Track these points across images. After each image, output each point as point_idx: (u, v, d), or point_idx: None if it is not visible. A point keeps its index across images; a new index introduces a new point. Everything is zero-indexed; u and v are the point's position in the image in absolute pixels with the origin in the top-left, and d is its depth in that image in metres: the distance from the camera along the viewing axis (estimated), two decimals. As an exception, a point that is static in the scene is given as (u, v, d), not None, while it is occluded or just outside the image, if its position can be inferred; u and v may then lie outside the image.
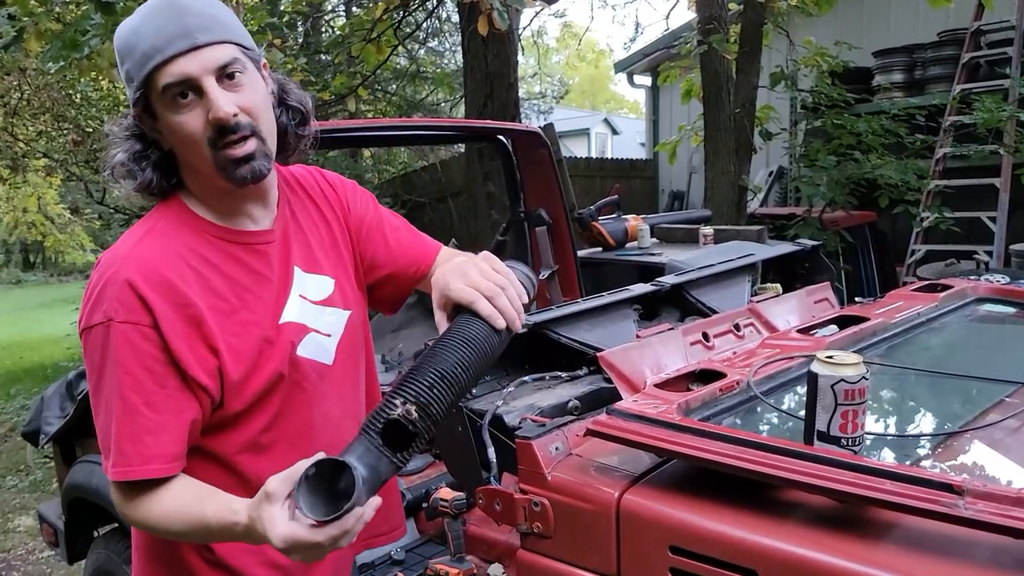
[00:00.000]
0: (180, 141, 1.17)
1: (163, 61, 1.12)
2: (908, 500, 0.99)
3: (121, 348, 1.13)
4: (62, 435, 2.73)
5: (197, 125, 1.14)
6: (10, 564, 4.11)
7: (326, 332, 1.31)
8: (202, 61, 1.12)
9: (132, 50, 1.14)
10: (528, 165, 3.00)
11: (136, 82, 1.15)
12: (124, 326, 1.13)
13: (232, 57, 1.15)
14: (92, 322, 1.16)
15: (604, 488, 1.25)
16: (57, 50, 3.69)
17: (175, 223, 1.22)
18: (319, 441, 1.28)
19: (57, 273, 21.88)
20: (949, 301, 2.05)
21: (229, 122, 1.14)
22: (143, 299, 1.14)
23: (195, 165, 1.20)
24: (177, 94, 1.13)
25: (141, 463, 1.14)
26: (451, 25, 10.26)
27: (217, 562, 1.26)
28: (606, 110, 29.58)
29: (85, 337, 1.17)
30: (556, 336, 1.82)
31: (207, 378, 1.17)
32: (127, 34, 1.16)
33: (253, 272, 1.25)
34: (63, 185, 11.08)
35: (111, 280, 1.15)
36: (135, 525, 1.23)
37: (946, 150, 5.98)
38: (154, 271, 1.16)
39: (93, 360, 1.17)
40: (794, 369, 1.54)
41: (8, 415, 6.97)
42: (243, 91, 1.16)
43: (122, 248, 1.19)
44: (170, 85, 1.13)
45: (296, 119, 1.29)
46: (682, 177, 9.73)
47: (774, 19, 6.23)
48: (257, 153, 1.17)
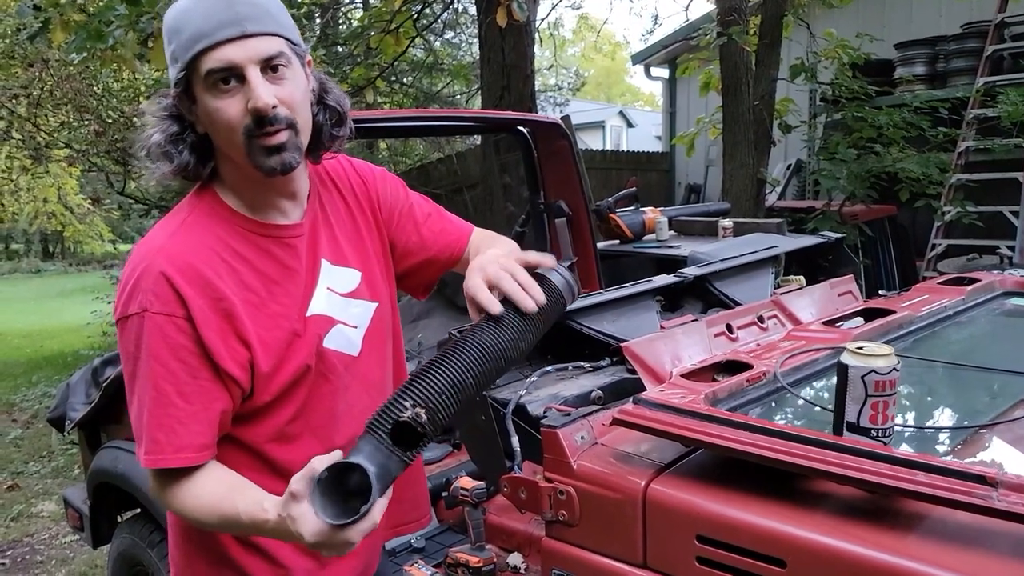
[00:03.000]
0: (216, 126, 1.18)
1: (210, 46, 1.12)
2: (941, 492, 0.98)
3: (155, 339, 1.15)
4: (87, 421, 2.77)
5: (235, 112, 1.15)
6: (34, 548, 4.17)
7: (352, 324, 1.33)
8: (248, 50, 1.13)
9: (179, 32, 1.15)
10: (548, 156, 2.99)
11: (180, 63, 1.15)
12: (159, 317, 1.15)
13: (278, 50, 1.16)
14: (127, 312, 1.17)
15: (630, 477, 1.25)
16: (81, 41, 3.72)
17: (208, 215, 1.24)
18: (344, 431, 1.31)
19: (76, 263, 22.10)
20: (976, 295, 2.03)
21: (268, 113, 1.15)
22: (178, 292, 1.15)
23: (228, 152, 1.21)
24: (219, 80, 1.14)
25: (173, 452, 1.16)
26: (468, 17, 10.25)
27: (249, 541, 1.29)
28: (621, 103, 29.46)
29: (121, 327, 1.19)
30: (579, 327, 1.82)
31: (238, 370, 1.19)
32: (177, 15, 1.16)
33: (282, 266, 1.26)
34: (83, 175, 11.17)
35: (146, 271, 1.17)
36: (172, 512, 1.26)
37: (969, 143, 5.92)
38: (188, 264, 1.17)
39: (128, 349, 1.19)
40: (820, 361, 1.54)
41: (30, 402, 7.05)
42: (284, 84, 1.17)
43: (156, 239, 1.20)
44: (214, 70, 1.13)
45: (333, 119, 1.30)
46: (699, 170, 9.69)
47: (794, 10, 6.19)
48: (289, 145, 1.18)
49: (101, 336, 9.13)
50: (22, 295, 16.24)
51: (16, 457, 5.56)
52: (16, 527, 4.42)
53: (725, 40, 5.59)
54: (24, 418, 6.58)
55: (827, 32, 6.38)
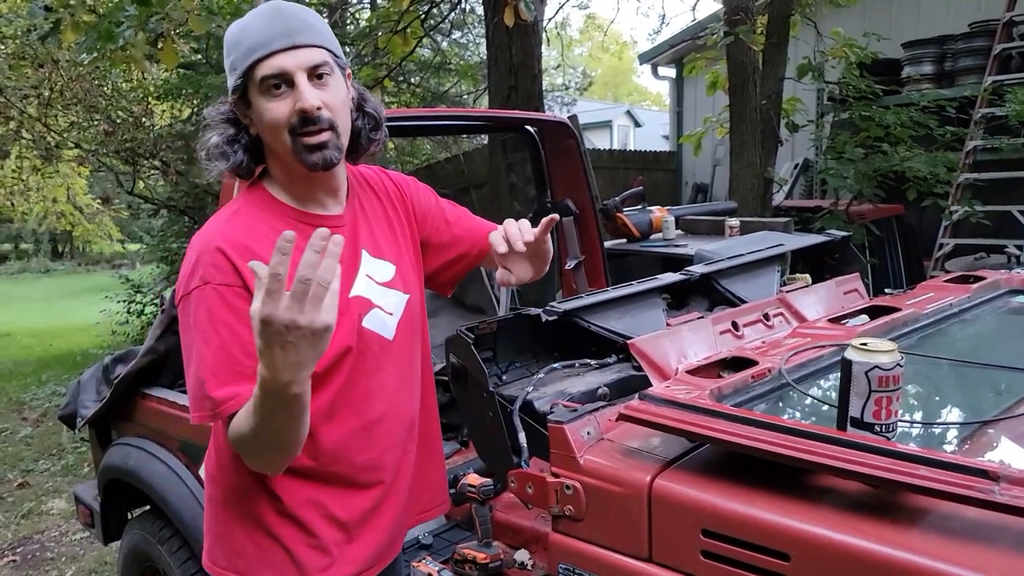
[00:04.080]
0: (266, 125, 1.33)
1: (265, 55, 1.29)
2: (943, 486, 0.99)
3: (218, 306, 1.27)
4: (98, 418, 2.79)
5: (284, 112, 1.31)
6: (44, 545, 4.20)
7: (388, 311, 1.47)
8: (297, 59, 1.30)
9: (239, 44, 1.32)
10: (555, 155, 3.00)
11: (239, 71, 1.31)
12: (221, 287, 1.28)
13: (323, 60, 1.32)
14: (190, 288, 1.30)
15: (636, 472, 1.26)
16: (92, 41, 3.76)
17: (257, 206, 1.39)
18: (376, 409, 1.45)
19: (85, 262, 22.23)
20: (981, 292, 2.03)
21: (312, 113, 1.30)
22: (233, 264, 1.29)
23: (276, 149, 1.36)
24: (272, 84, 1.30)
25: (240, 403, 1.25)
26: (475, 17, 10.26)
27: (285, 512, 1.40)
28: (628, 102, 29.43)
29: (184, 303, 1.31)
30: (585, 324, 1.83)
31: None
32: (237, 31, 1.33)
33: (352, 244, 1.41)
34: (92, 175, 11.23)
35: (204, 250, 1.30)
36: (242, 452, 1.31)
37: (977, 142, 5.89)
38: (241, 243, 1.31)
39: (188, 321, 1.30)
40: (826, 358, 1.54)
41: (39, 401, 7.10)
42: (328, 90, 1.33)
43: (212, 226, 1.35)
44: (268, 76, 1.30)
45: (371, 124, 1.46)
46: (706, 169, 9.68)
47: (801, 9, 6.18)
48: (330, 144, 1.33)
49: (110, 335, 9.18)
50: (31, 295, 16.35)
51: (26, 455, 5.60)
52: (26, 524, 4.45)
53: (732, 39, 5.59)
54: (34, 416, 6.63)
55: (834, 31, 6.37)
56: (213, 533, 1.48)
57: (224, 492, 1.44)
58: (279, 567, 1.40)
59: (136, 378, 2.63)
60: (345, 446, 1.42)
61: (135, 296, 9.12)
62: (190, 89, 7.49)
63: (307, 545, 1.41)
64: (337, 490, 1.43)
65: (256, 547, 1.41)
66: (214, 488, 1.47)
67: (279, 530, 1.40)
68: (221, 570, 1.45)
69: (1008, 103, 5.34)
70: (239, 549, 1.42)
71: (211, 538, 1.48)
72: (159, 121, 8.48)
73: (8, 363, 9.08)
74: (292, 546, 1.40)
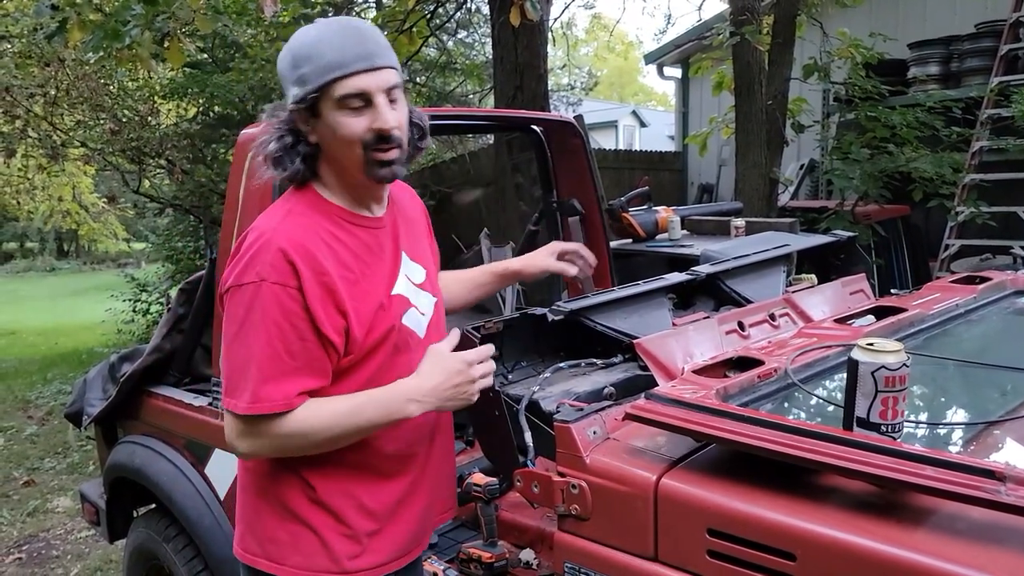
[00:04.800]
0: (338, 139, 1.39)
1: (346, 74, 1.35)
2: (949, 486, 0.99)
3: (270, 304, 1.34)
4: (104, 416, 2.79)
5: (360, 129, 1.38)
6: (49, 543, 4.22)
7: (422, 311, 1.56)
8: (378, 80, 1.37)
9: (312, 59, 1.36)
10: (561, 155, 3.00)
11: (311, 85, 1.36)
12: (275, 286, 1.34)
13: (397, 82, 1.41)
14: (243, 280, 1.36)
15: (642, 471, 1.26)
16: (98, 40, 3.77)
17: (309, 206, 1.44)
18: None
19: (90, 261, 22.29)
20: (987, 293, 2.03)
21: (391, 133, 1.39)
22: (293, 265, 1.35)
23: (342, 161, 1.43)
24: (351, 102, 1.36)
25: (282, 399, 1.35)
26: (481, 16, 10.27)
27: (318, 500, 1.46)
28: (634, 102, 29.40)
29: (233, 293, 1.37)
30: (591, 323, 1.83)
31: (336, 336, 1.39)
32: (308, 44, 1.38)
33: (371, 250, 1.48)
34: (98, 174, 11.25)
35: (264, 246, 1.36)
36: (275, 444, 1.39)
37: (983, 143, 5.88)
38: (300, 243, 1.37)
39: (237, 313, 1.37)
40: (832, 358, 1.55)
41: (45, 399, 7.12)
42: (399, 110, 1.42)
43: (270, 222, 1.41)
44: (349, 95, 1.36)
45: (418, 135, 1.54)
46: (711, 170, 9.67)
47: (808, 10, 6.17)
48: (398, 160, 1.43)
49: (115, 334, 9.21)
50: (37, 293, 16.40)
51: (32, 453, 5.62)
52: (32, 522, 4.47)
53: (738, 40, 5.58)
54: (40, 415, 6.64)
55: (840, 32, 6.36)
56: (244, 521, 1.53)
57: (258, 480, 1.50)
58: (311, 554, 1.46)
59: (142, 376, 2.63)
60: (377, 435, 1.47)
61: (140, 295, 9.14)
62: (196, 88, 7.50)
63: (339, 533, 1.46)
64: (368, 480, 1.48)
65: (289, 534, 1.46)
66: (247, 477, 1.53)
67: (312, 518, 1.45)
68: (253, 557, 1.50)
69: (1014, 104, 5.33)
70: (271, 536, 1.47)
71: (243, 526, 1.53)
72: (165, 120, 8.49)
73: (14, 361, 9.11)
74: (324, 533, 1.45)
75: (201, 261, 7.88)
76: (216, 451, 2.29)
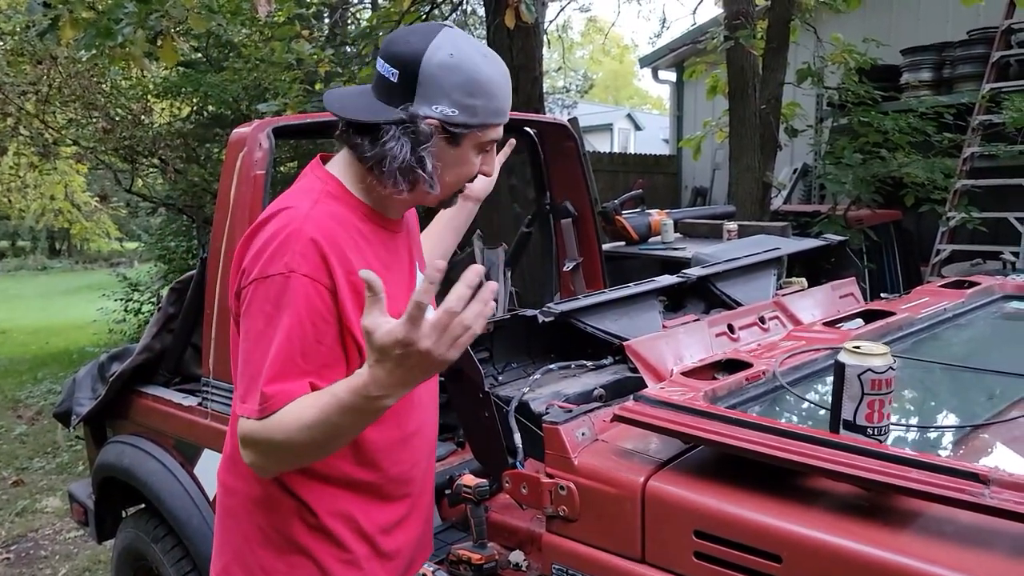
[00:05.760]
0: (457, 172, 1.35)
1: (500, 122, 1.35)
2: (934, 488, 1.00)
3: (297, 299, 1.21)
4: (93, 416, 2.78)
5: (474, 170, 1.38)
6: (38, 543, 4.19)
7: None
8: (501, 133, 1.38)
9: (489, 95, 1.31)
10: (555, 157, 3.00)
11: (477, 120, 1.30)
12: (305, 280, 1.21)
13: None
14: (269, 272, 1.22)
15: (630, 473, 1.26)
16: (91, 38, 3.75)
17: (336, 199, 1.32)
18: (414, 420, 1.43)
19: (82, 260, 22.18)
20: (975, 297, 2.04)
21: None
22: (325, 259, 1.23)
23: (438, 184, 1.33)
24: (488, 147, 1.37)
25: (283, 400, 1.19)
26: (476, 18, 10.28)
27: (317, 526, 1.33)
28: (629, 106, 29.45)
29: (257, 285, 1.23)
30: (582, 325, 1.84)
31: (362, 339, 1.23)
32: (486, 79, 1.31)
33: (393, 253, 1.39)
34: (90, 173, 11.21)
35: (294, 235, 1.22)
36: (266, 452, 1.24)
37: (974, 149, 5.91)
38: (331, 236, 1.25)
39: (263, 309, 1.22)
40: (820, 361, 1.55)
41: (35, 399, 7.08)
42: None
43: (299, 208, 1.27)
44: (492, 141, 1.37)
45: None
46: (705, 173, 9.69)
47: (802, 15, 6.19)
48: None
49: (107, 333, 9.17)
50: (28, 292, 16.33)
51: (21, 453, 5.59)
52: (20, 522, 4.44)
53: (732, 44, 5.60)
54: (29, 414, 6.61)
55: (834, 37, 6.38)
56: (229, 548, 1.39)
57: (246, 504, 1.36)
58: None
59: (132, 376, 2.62)
60: (384, 455, 1.38)
61: (132, 294, 9.10)
62: (190, 88, 7.47)
63: (339, 560, 1.34)
64: (367, 502, 1.37)
65: (286, 564, 1.34)
66: (232, 499, 1.39)
67: (312, 546, 1.33)
68: None
69: (1005, 110, 5.36)
70: (264, 565, 1.35)
71: (227, 554, 1.39)
72: (158, 119, 8.45)
73: (4, 360, 9.06)
74: (325, 561, 1.33)
75: (194, 261, 7.86)
76: (205, 451, 2.28)
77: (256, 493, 1.34)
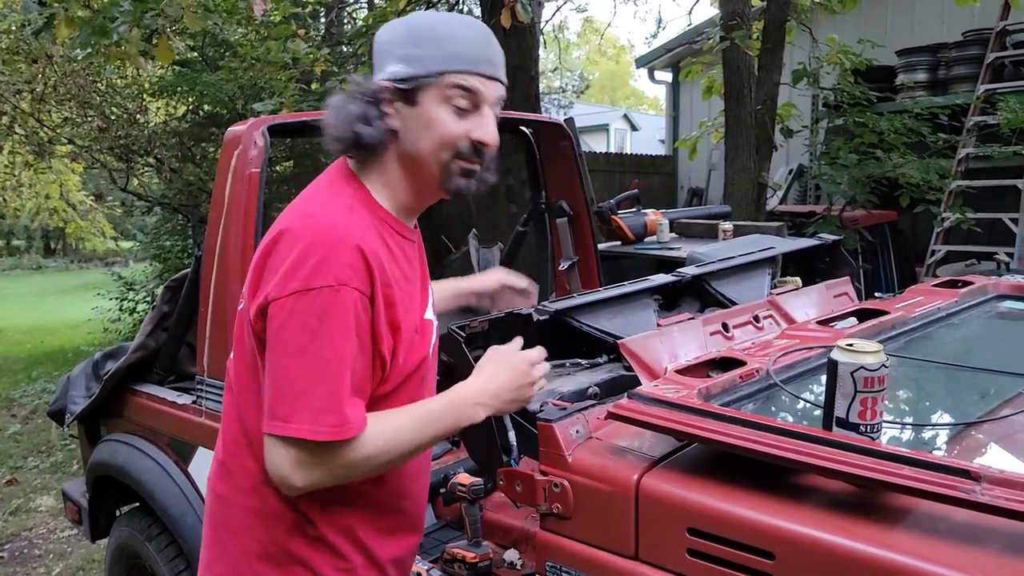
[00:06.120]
0: (429, 135, 1.24)
1: (468, 71, 1.23)
2: (925, 485, 1.00)
3: (346, 313, 1.16)
4: (88, 414, 2.78)
5: (458, 132, 1.24)
6: (31, 542, 4.18)
7: (435, 337, 1.43)
8: (495, 91, 1.27)
9: (439, 42, 1.22)
10: (550, 157, 3.01)
11: (425, 69, 1.22)
12: (355, 293, 1.16)
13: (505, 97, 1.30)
14: (315, 284, 1.15)
15: (624, 470, 1.27)
16: (86, 36, 3.75)
17: (367, 207, 1.26)
18: None
19: (78, 260, 22.12)
20: (969, 297, 2.05)
21: (491, 149, 1.27)
22: (371, 270, 1.18)
23: (422, 158, 1.26)
24: (460, 102, 1.23)
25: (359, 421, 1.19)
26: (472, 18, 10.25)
27: (318, 537, 1.30)
28: (625, 106, 29.47)
29: (300, 298, 1.15)
30: (577, 324, 1.84)
31: (387, 353, 1.24)
32: (438, 26, 1.24)
33: (410, 263, 1.34)
34: (85, 172, 11.19)
35: (339, 244, 1.16)
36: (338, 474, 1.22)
37: (969, 150, 5.93)
38: (372, 245, 1.20)
39: (306, 322, 1.15)
40: (813, 359, 1.56)
41: (29, 398, 7.07)
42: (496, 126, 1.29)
43: (336, 214, 1.21)
44: (463, 91, 1.23)
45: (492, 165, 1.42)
46: (701, 173, 9.70)
47: (797, 16, 6.20)
48: (477, 175, 1.28)
49: (102, 332, 9.14)
50: (23, 291, 16.28)
51: (15, 452, 5.58)
52: (14, 521, 4.43)
53: (728, 44, 5.61)
54: (23, 413, 6.59)
55: (829, 38, 6.40)
56: (224, 560, 1.35)
57: (244, 516, 1.33)
58: None
59: (126, 374, 2.62)
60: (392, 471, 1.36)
61: (128, 294, 9.08)
62: (185, 86, 7.46)
63: (336, 569, 1.32)
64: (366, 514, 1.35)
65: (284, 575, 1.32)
66: (227, 511, 1.35)
67: (311, 557, 1.31)
68: None
69: (1000, 111, 5.38)
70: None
71: (221, 566, 1.36)
72: (154, 118, 8.44)
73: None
74: (322, 571, 1.31)
75: (189, 260, 7.84)
76: (200, 449, 2.28)
77: (254, 505, 1.30)
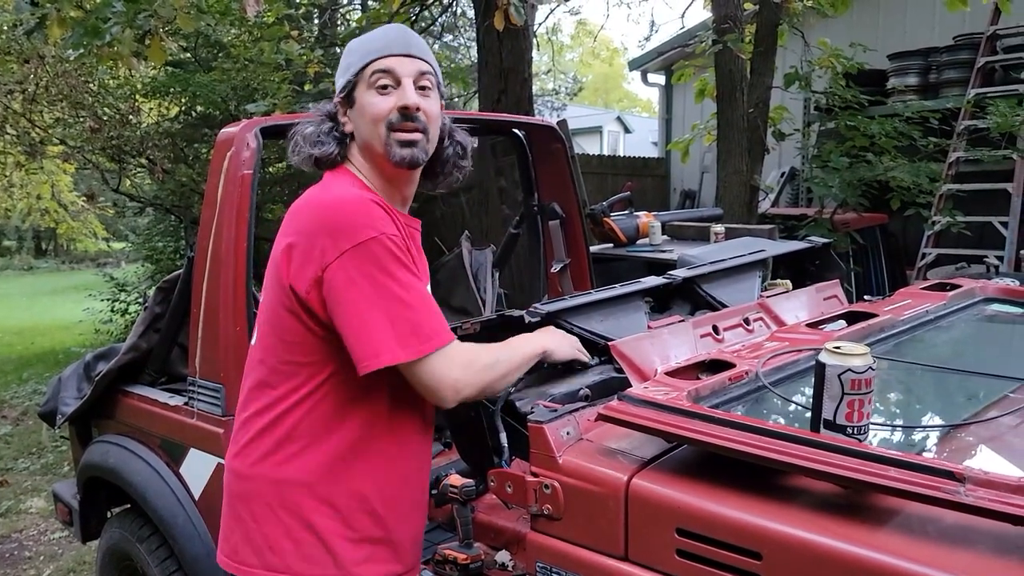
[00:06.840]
0: (368, 118, 1.44)
1: (382, 56, 1.43)
2: (910, 486, 1.01)
3: (395, 254, 1.34)
4: (79, 416, 2.77)
5: (386, 108, 1.42)
6: (22, 544, 4.17)
7: None
8: (408, 67, 1.44)
9: (356, 50, 1.47)
10: (543, 159, 3.02)
11: (353, 69, 1.45)
12: (395, 237, 1.36)
13: (429, 71, 1.47)
14: (360, 238, 1.32)
15: (614, 472, 1.27)
16: (79, 37, 3.74)
17: (363, 189, 1.45)
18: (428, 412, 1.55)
19: (69, 260, 22.02)
20: (957, 300, 2.07)
21: (412, 109, 1.42)
22: (396, 224, 1.38)
23: (369, 140, 1.45)
24: (380, 82, 1.43)
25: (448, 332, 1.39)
26: (466, 20, 10.29)
27: (327, 502, 1.42)
28: (619, 108, 29.51)
29: (351, 256, 1.32)
30: (568, 326, 1.84)
31: None
32: (358, 42, 1.49)
33: (419, 251, 1.50)
34: (77, 172, 11.14)
35: (360, 206, 1.36)
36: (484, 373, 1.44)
37: (959, 154, 5.97)
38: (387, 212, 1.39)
39: (366, 271, 1.32)
40: (802, 361, 1.57)
41: (20, 399, 7.03)
42: (427, 100, 1.46)
43: (348, 190, 1.42)
44: (381, 71, 1.43)
45: (459, 153, 1.61)
46: (694, 176, 9.73)
47: (789, 19, 6.23)
48: (419, 144, 1.45)
49: (93, 333, 9.11)
50: (14, 292, 16.19)
51: (5, 453, 5.55)
52: (4, 523, 4.41)
53: (720, 48, 5.63)
54: (14, 415, 6.56)
55: (821, 41, 6.43)
56: (238, 531, 1.46)
57: (259, 487, 1.44)
58: (316, 562, 1.41)
59: (117, 375, 2.61)
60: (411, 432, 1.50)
61: (119, 295, 9.04)
62: (178, 87, 7.44)
63: (345, 539, 1.42)
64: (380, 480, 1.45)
65: (293, 542, 1.41)
66: (244, 484, 1.47)
67: (319, 523, 1.41)
68: (249, 568, 1.44)
69: (990, 115, 5.41)
70: (272, 545, 1.42)
71: (237, 536, 1.46)
72: (146, 119, 8.41)
73: (-11, 360, 9.00)
74: (330, 540, 1.41)
75: (181, 261, 7.82)
76: (191, 451, 2.28)
77: (271, 475, 1.42)
